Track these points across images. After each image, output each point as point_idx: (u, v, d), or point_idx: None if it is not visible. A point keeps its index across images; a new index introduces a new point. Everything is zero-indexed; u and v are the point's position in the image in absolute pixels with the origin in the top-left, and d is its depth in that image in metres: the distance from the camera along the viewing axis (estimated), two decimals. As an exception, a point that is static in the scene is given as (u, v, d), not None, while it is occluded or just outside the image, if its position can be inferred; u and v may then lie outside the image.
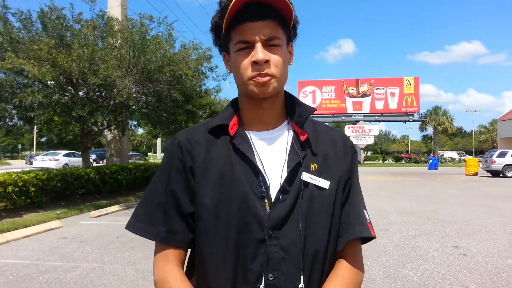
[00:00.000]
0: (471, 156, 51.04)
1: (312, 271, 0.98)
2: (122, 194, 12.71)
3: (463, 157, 55.59)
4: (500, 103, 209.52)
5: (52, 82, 10.30)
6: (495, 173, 23.60)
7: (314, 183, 1.01)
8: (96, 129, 12.83)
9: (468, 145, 74.39)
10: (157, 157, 56.31)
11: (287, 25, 1.00)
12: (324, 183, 1.02)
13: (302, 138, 1.04)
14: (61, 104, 10.47)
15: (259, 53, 0.94)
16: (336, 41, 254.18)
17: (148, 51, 10.63)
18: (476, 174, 25.69)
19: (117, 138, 14.99)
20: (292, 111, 1.08)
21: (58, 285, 4.41)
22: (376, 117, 46.96)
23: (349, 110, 47.23)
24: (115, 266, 5.13)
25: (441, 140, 63.47)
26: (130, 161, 17.54)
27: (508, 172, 22.96)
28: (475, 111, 55.81)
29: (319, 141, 1.08)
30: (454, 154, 58.79)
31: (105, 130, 13.91)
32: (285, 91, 1.10)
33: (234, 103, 1.12)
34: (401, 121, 47.93)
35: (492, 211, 9.72)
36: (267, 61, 0.95)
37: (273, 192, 0.98)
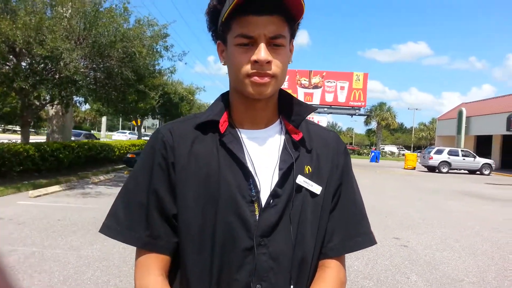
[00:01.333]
0: (409, 151, 53.91)
1: (299, 278, 0.93)
2: (63, 174, 12.08)
3: (402, 152, 58.61)
4: (439, 103, 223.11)
5: (-8, 49, 9.48)
6: (431, 169, 25.08)
7: (308, 187, 0.95)
8: (38, 103, 12.02)
9: (408, 141, 78.50)
10: (101, 135, 54.05)
11: (293, 22, 0.92)
12: (317, 189, 0.96)
13: (296, 137, 0.98)
14: (1, 73, 9.67)
15: (262, 52, 0.86)
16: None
17: (101, 24, 10.05)
18: (414, 168, 27.17)
19: (60, 114, 14.18)
20: (288, 109, 1.01)
21: (-7, 270, 4.11)
22: (325, 109, 48.06)
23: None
24: (56, 251, 4.86)
25: (383, 134, 66.30)
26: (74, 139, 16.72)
27: (444, 168, 24.49)
28: (416, 109, 58.94)
29: (312, 142, 1.02)
30: (394, 148, 61.82)
31: (47, 105, 13.09)
32: (281, 89, 1.02)
33: (224, 97, 1.03)
34: (348, 114, 49.42)
35: (430, 205, 10.32)
36: (269, 62, 0.88)
37: (264, 196, 0.91)
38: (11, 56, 10.02)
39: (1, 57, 9.50)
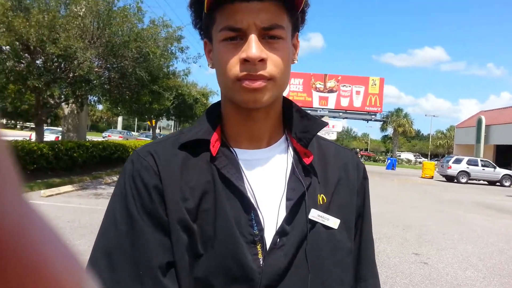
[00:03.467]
0: (426, 159, 53.07)
1: None
2: (77, 173, 12.04)
3: (419, 159, 57.78)
4: (457, 110, 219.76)
5: (7, 47, 9.47)
6: (449, 178, 24.49)
7: (323, 222, 0.75)
8: (52, 102, 12.02)
9: (425, 148, 77.40)
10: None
11: (295, 10, 0.73)
12: (334, 222, 0.76)
13: (307, 160, 0.77)
14: (15, 71, 9.66)
15: (253, 47, 0.67)
16: (306, 34, 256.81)
17: (114, 24, 9.96)
18: (431, 177, 26.60)
19: (75, 112, 14.19)
20: (294, 124, 0.80)
21: None
22: (341, 113, 47.66)
23: (315, 104, 47.66)
24: (61, 256, 4.71)
25: (399, 141, 65.49)
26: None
27: (462, 178, 23.87)
28: (434, 116, 58.05)
29: (328, 165, 0.81)
30: (410, 156, 60.98)
31: (63, 104, 13.10)
32: (284, 97, 0.81)
33: (215, 109, 0.81)
34: (364, 119, 48.90)
35: (449, 217, 9.94)
36: (262, 60, 0.68)
37: (268, 235, 0.71)
38: (25, 54, 9.99)
39: (15, 55, 9.48)
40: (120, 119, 56.42)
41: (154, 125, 27.35)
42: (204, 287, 0.69)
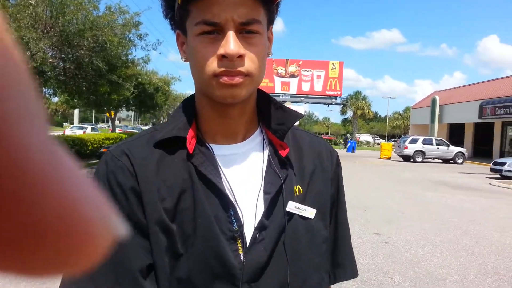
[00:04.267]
0: (384, 140, 54.80)
1: None
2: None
3: (377, 141, 59.55)
4: (412, 91, 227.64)
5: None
6: (406, 158, 25.45)
7: (300, 213, 0.77)
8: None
9: (382, 130, 79.84)
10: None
11: (271, 3, 0.72)
12: (310, 212, 0.78)
13: (283, 153, 0.78)
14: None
15: (231, 43, 0.67)
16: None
17: (68, 12, 9.56)
18: (389, 158, 27.53)
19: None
20: (269, 115, 0.81)
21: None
22: (302, 98, 48.16)
23: (277, 89, 47.85)
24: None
25: (358, 123, 67.13)
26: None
27: (418, 157, 24.87)
28: (390, 97, 59.45)
29: (303, 155, 0.83)
30: (369, 138, 62.70)
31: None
32: (258, 90, 0.82)
33: (189, 105, 0.80)
34: (324, 103, 49.69)
35: (407, 196, 10.38)
36: (240, 56, 0.68)
37: (248, 230, 0.72)
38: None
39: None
40: (76, 111, 54.31)
41: (113, 116, 26.58)
42: (186, 287, 0.70)
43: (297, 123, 0.86)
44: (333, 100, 49.69)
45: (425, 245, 5.81)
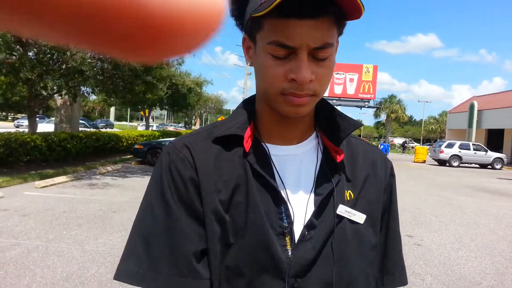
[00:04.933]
0: (419, 144, 53.37)
1: None
2: (71, 164, 12.00)
3: (411, 145, 58.09)
4: (449, 95, 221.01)
5: (-2, 40, 9.36)
6: (442, 162, 24.71)
7: (349, 217, 0.78)
8: (45, 94, 11.93)
9: (417, 134, 77.82)
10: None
11: (345, 20, 0.70)
12: (360, 217, 0.79)
13: (338, 158, 0.79)
14: (7, 64, 9.56)
15: (303, 70, 0.67)
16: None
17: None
18: (424, 162, 26.81)
19: (68, 104, 14.10)
20: (327, 122, 0.82)
21: (-5, 265, 4.00)
22: (335, 101, 47.63)
23: (309, 91, 47.68)
24: (60, 245, 4.74)
25: (392, 127, 65.72)
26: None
27: (454, 162, 24.11)
28: (426, 101, 58.09)
29: (357, 162, 0.84)
30: (402, 141, 61.22)
31: (55, 95, 13.01)
32: None
33: (249, 106, 0.82)
34: (357, 106, 48.96)
35: (442, 200, 10.09)
36: (311, 80, 0.69)
37: (297, 228, 0.74)
38: (17, 46, 9.88)
39: (7, 47, 9.37)
40: (112, 109, 55.99)
41: (147, 114, 27.22)
42: (234, 275, 0.73)
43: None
44: (366, 103, 48.87)
45: (459, 248, 5.64)
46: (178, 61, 14.02)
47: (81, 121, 19.09)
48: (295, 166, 0.80)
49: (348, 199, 0.80)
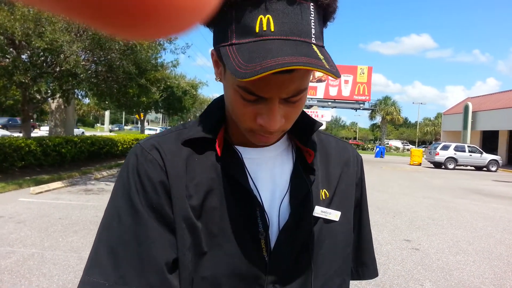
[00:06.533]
0: (414, 146, 53.59)
1: None
2: (66, 169, 11.93)
3: (407, 147, 58.31)
4: (443, 96, 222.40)
5: (-10, 42, 9.27)
6: (437, 165, 24.79)
7: (325, 217, 0.77)
8: (39, 97, 11.84)
9: (412, 136, 78.14)
10: (104, 129, 54.11)
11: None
12: (335, 215, 0.78)
13: (309, 159, 0.77)
14: (0, 67, 9.47)
15: (273, 121, 0.64)
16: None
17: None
18: (419, 164, 26.90)
19: (62, 107, 14.01)
20: (295, 123, 0.78)
21: (-12, 275, 3.93)
22: (329, 103, 47.77)
23: (304, 94, 47.72)
24: (56, 252, 4.68)
25: (387, 129, 65.95)
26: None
27: (450, 164, 24.18)
28: (421, 103, 58.21)
29: (330, 160, 0.83)
30: (398, 143, 61.48)
31: (49, 99, 12.91)
32: None
33: (220, 106, 0.79)
34: (352, 108, 49.11)
35: (438, 203, 10.10)
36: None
37: (273, 232, 0.72)
38: (10, 49, 9.80)
39: (0, 49, 9.29)
40: (107, 113, 55.74)
41: (142, 118, 27.14)
42: (211, 285, 0.70)
43: (323, 127, 0.87)
44: (361, 105, 49.03)
45: (457, 253, 5.63)
46: (173, 63, 14.00)
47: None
48: (269, 169, 0.77)
49: (324, 198, 0.79)
